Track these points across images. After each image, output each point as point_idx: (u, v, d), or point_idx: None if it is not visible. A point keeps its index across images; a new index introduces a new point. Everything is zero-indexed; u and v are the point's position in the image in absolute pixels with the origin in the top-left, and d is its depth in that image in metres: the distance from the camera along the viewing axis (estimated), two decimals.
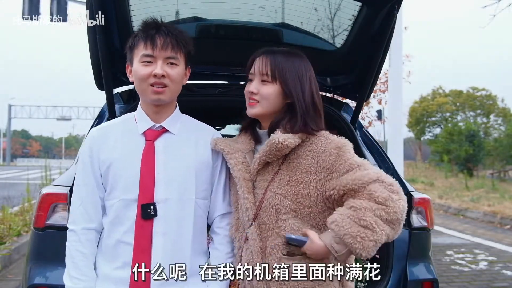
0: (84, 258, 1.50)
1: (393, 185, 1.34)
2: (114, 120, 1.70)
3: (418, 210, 2.17)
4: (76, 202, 1.54)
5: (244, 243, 1.50)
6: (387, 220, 1.30)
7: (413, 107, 34.53)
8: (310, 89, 1.53)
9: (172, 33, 1.52)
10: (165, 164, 1.53)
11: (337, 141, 1.47)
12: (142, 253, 1.47)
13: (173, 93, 1.56)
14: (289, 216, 1.44)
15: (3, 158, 50.58)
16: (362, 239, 1.29)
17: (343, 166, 1.40)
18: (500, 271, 4.87)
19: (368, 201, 1.32)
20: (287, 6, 2.34)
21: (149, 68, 1.49)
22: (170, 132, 1.58)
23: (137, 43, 1.52)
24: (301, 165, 1.45)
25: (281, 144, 1.44)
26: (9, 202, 6.80)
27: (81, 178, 1.56)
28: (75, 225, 1.52)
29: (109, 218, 1.52)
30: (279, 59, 1.53)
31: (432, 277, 2.12)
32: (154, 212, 1.48)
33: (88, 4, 1.88)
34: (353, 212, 1.32)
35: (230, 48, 2.46)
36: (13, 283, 4.09)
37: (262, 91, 1.52)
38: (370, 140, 2.59)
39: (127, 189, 1.50)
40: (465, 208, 9.57)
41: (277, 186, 1.46)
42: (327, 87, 2.74)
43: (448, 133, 21.99)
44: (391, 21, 2.09)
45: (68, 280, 1.50)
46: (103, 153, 1.54)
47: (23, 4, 8.75)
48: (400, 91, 7.23)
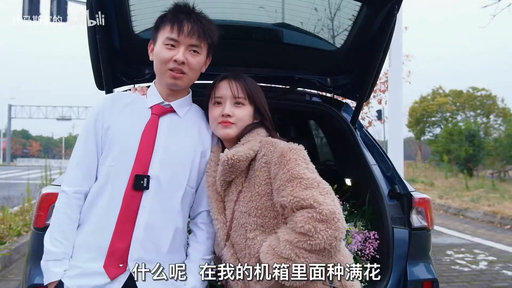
0: (70, 222, 1.48)
1: (324, 213, 1.28)
2: (127, 92, 1.70)
3: (418, 210, 2.17)
4: (73, 163, 1.54)
5: (223, 261, 1.52)
6: (311, 250, 1.28)
7: (413, 107, 34.53)
8: (267, 105, 1.66)
9: (201, 22, 1.53)
10: (165, 143, 1.53)
11: (281, 147, 1.46)
12: (126, 223, 1.45)
13: (190, 80, 1.58)
14: (257, 233, 1.44)
15: (3, 158, 50.55)
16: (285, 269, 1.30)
17: (284, 176, 1.38)
18: (500, 271, 4.87)
19: (291, 232, 1.31)
20: (287, 6, 2.34)
21: (172, 52, 1.50)
22: (177, 114, 1.60)
23: (164, 25, 1.52)
24: (258, 178, 1.46)
25: (231, 159, 1.46)
26: (9, 202, 6.79)
27: (82, 141, 1.55)
28: (68, 187, 1.51)
29: (98, 182, 1.51)
30: (248, 81, 1.62)
31: (432, 277, 2.11)
32: (146, 184, 1.47)
33: (88, 4, 1.89)
34: (275, 243, 1.34)
35: (230, 48, 2.46)
36: (13, 283, 4.09)
37: (237, 113, 1.57)
38: (370, 140, 2.59)
39: (121, 156, 1.50)
40: (465, 208, 9.56)
41: (242, 205, 1.47)
42: (327, 87, 2.74)
43: (448, 133, 21.97)
44: (391, 21, 2.09)
45: (48, 241, 1.47)
46: (108, 118, 1.54)
47: (23, 4, 8.76)
48: (400, 91, 7.23)
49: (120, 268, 1.43)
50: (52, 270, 1.45)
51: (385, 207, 2.18)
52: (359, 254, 2.21)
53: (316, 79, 2.71)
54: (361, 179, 2.54)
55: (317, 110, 2.70)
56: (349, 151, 2.58)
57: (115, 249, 1.44)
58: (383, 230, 2.16)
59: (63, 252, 1.46)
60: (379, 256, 2.18)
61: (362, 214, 2.40)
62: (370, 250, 2.19)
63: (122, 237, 1.45)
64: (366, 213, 2.37)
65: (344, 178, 2.82)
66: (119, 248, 1.44)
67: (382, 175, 2.34)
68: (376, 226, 2.29)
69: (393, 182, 2.29)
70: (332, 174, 3.01)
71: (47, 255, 1.47)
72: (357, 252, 2.21)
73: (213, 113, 1.60)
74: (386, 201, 2.20)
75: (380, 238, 2.22)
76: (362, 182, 2.52)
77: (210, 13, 2.35)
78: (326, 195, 1.34)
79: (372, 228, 2.31)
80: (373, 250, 2.19)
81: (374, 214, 2.33)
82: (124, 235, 1.45)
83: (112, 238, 1.44)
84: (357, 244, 2.21)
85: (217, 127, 1.59)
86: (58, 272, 1.45)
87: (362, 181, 2.52)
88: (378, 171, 2.35)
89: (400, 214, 2.18)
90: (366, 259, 2.20)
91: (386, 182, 2.31)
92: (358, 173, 2.56)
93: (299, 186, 1.35)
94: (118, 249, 1.44)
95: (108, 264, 1.43)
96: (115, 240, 1.44)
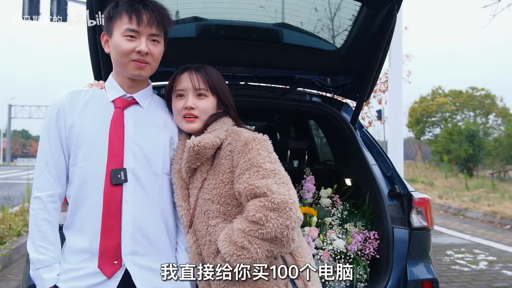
0: (51, 226, 1.45)
1: (275, 202, 1.28)
2: (84, 88, 1.64)
3: (418, 210, 2.17)
4: (40, 167, 1.48)
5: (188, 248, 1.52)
6: (263, 239, 1.28)
7: (413, 107, 34.52)
8: (230, 95, 1.65)
9: (158, 10, 1.50)
10: (134, 135, 1.51)
11: (246, 137, 1.45)
12: (111, 219, 1.43)
13: (152, 70, 1.56)
14: (219, 221, 1.44)
15: (3, 158, 50.55)
16: (239, 257, 1.30)
17: (245, 164, 1.39)
18: (500, 271, 4.87)
19: (244, 221, 1.31)
20: (287, 6, 2.34)
21: (133, 44, 1.47)
22: (140, 105, 1.58)
23: (120, 15, 1.47)
24: (223, 166, 1.46)
25: (197, 146, 1.46)
26: (9, 202, 6.80)
27: (46, 142, 1.49)
28: (40, 192, 1.46)
29: (74, 185, 1.47)
30: (210, 72, 1.61)
31: (432, 277, 2.11)
32: (124, 177, 1.45)
33: (88, 4, 1.89)
34: (230, 232, 1.34)
35: (230, 48, 2.46)
36: (13, 283, 4.09)
37: (200, 105, 1.57)
38: (370, 140, 2.59)
39: (93, 153, 1.46)
40: (465, 208, 9.57)
41: (206, 192, 1.47)
42: (327, 87, 2.74)
43: (448, 133, 21.99)
44: (391, 21, 2.10)
45: (33, 249, 1.43)
46: (70, 117, 1.49)
47: (23, 4, 8.75)
48: (400, 91, 7.22)
49: (116, 265, 1.42)
50: (45, 277, 1.42)
51: (385, 207, 2.18)
52: (359, 254, 2.21)
53: (316, 79, 2.71)
54: (361, 179, 2.54)
55: (317, 110, 2.70)
56: (349, 151, 2.58)
57: (106, 247, 1.42)
58: (383, 230, 2.16)
59: (52, 258, 1.43)
60: (379, 256, 2.18)
61: (362, 214, 2.40)
62: (370, 250, 2.19)
63: (111, 235, 1.43)
64: (366, 213, 2.37)
65: (344, 178, 2.82)
66: (110, 246, 1.42)
67: (382, 175, 2.34)
68: (376, 226, 2.29)
69: (393, 182, 2.29)
70: (332, 174, 3.01)
71: (36, 263, 1.42)
72: (357, 252, 2.21)
73: (176, 106, 1.59)
74: (386, 201, 2.20)
75: (380, 238, 2.22)
76: (362, 182, 2.52)
77: (210, 13, 2.38)
78: (281, 184, 1.33)
79: (372, 228, 2.31)
80: (373, 250, 2.19)
81: (374, 214, 2.33)
82: (112, 232, 1.43)
83: (100, 237, 1.42)
84: (357, 244, 2.21)
85: (181, 121, 1.58)
86: (51, 278, 1.42)
87: (362, 181, 2.52)
88: (378, 171, 2.35)
89: (400, 214, 2.18)
90: (366, 259, 2.20)
91: (386, 182, 2.31)
92: (358, 173, 2.56)
93: (256, 174, 1.35)
94: (109, 247, 1.42)
95: (102, 263, 1.42)
96: (104, 239, 1.42)
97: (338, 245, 2.20)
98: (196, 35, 2.36)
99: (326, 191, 2.61)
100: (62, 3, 9.13)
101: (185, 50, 2.18)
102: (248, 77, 2.69)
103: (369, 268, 2.18)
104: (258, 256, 1.29)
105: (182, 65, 1.66)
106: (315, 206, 2.51)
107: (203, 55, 1.78)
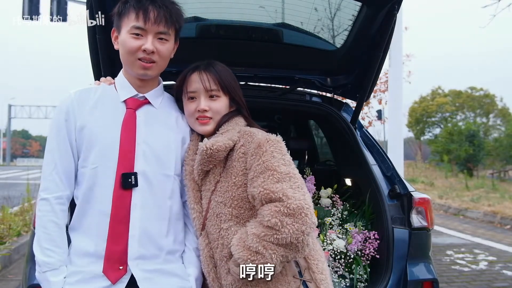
0: (58, 229, 1.41)
1: (291, 207, 1.26)
2: (93, 86, 1.60)
3: (418, 210, 2.16)
4: (49, 168, 1.44)
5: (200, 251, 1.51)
6: (278, 244, 1.27)
7: (413, 107, 34.54)
8: (241, 92, 1.61)
9: (167, 6, 1.45)
10: (145, 136, 1.48)
11: (259, 138, 1.43)
12: (119, 224, 1.40)
13: (160, 69, 1.52)
14: (231, 224, 1.42)
15: (3, 158, 50.53)
16: (253, 262, 1.29)
17: (259, 167, 1.36)
18: (500, 271, 4.87)
19: (258, 226, 1.30)
20: (287, 6, 2.34)
21: (139, 42, 1.43)
22: (152, 105, 1.55)
23: (128, 12, 1.44)
24: (236, 168, 1.44)
25: (210, 149, 1.43)
26: (9, 202, 6.80)
27: (54, 142, 1.45)
28: (48, 193, 1.42)
29: (83, 187, 1.43)
30: (219, 70, 1.58)
31: (432, 277, 2.11)
32: (135, 182, 1.41)
33: (88, 4, 1.89)
34: (244, 237, 1.32)
35: (230, 48, 2.46)
36: (13, 283, 4.09)
37: (214, 106, 1.54)
38: (370, 140, 2.59)
39: (103, 156, 1.42)
40: (465, 208, 9.57)
41: (219, 195, 1.45)
42: (327, 87, 2.74)
43: (448, 133, 22.00)
44: (391, 21, 2.10)
45: (40, 252, 1.40)
46: (80, 117, 1.45)
47: (23, 4, 8.74)
48: (400, 91, 7.22)
49: (121, 271, 1.40)
50: (52, 280, 1.38)
51: (385, 207, 2.18)
52: (359, 254, 2.21)
53: (316, 79, 2.71)
54: (361, 179, 2.54)
55: (317, 110, 2.70)
56: (349, 151, 2.58)
57: (112, 252, 1.40)
58: (383, 230, 2.16)
59: (58, 260, 1.40)
60: (379, 256, 2.18)
61: (362, 214, 2.40)
62: (370, 250, 2.19)
63: (118, 240, 1.40)
64: (366, 213, 2.37)
65: (344, 178, 2.82)
66: (116, 251, 1.40)
67: (382, 175, 2.34)
68: (376, 226, 2.29)
69: (393, 182, 2.29)
70: (332, 174, 3.01)
71: (42, 266, 1.39)
72: (357, 252, 2.21)
73: (188, 108, 1.56)
74: (386, 201, 2.20)
75: (380, 238, 2.22)
76: (362, 182, 2.52)
77: (210, 13, 2.38)
78: (297, 189, 1.32)
79: (372, 228, 2.31)
80: (373, 250, 2.19)
81: (374, 214, 2.33)
82: (119, 237, 1.40)
83: (107, 242, 1.39)
84: (357, 244, 2.21)
85: (195, 123, 1.56)
86: (58, 281, 1.39)
87: (362, 181, 2.52)
88: (378, 171, 2.35)
89: (400, 214, 2.18)
90: (366, 259, 2.20)
91: (386, 182, 2.31)
92: (358, 173, 2.56)
93: (271, 178, 1.33)
94: (115, 252, 1.40)
95: (107, 268, 1.39)
96: (110, 244, 1.39)
97: (338, 245, 2.20)
98: (196, 35, 2.36)
99: (326, 191, 2.61)
100: (62, 3, 9.13)
101: (185, 50, 2.17)
102: (248, 77, 2.69)
103: (369, 268, 2.18)
104: (273, 261, 1.28)
105: (182, 65, 1.65)
106: (315, 206, 2.51)
107: (203, 55, 1.77)
